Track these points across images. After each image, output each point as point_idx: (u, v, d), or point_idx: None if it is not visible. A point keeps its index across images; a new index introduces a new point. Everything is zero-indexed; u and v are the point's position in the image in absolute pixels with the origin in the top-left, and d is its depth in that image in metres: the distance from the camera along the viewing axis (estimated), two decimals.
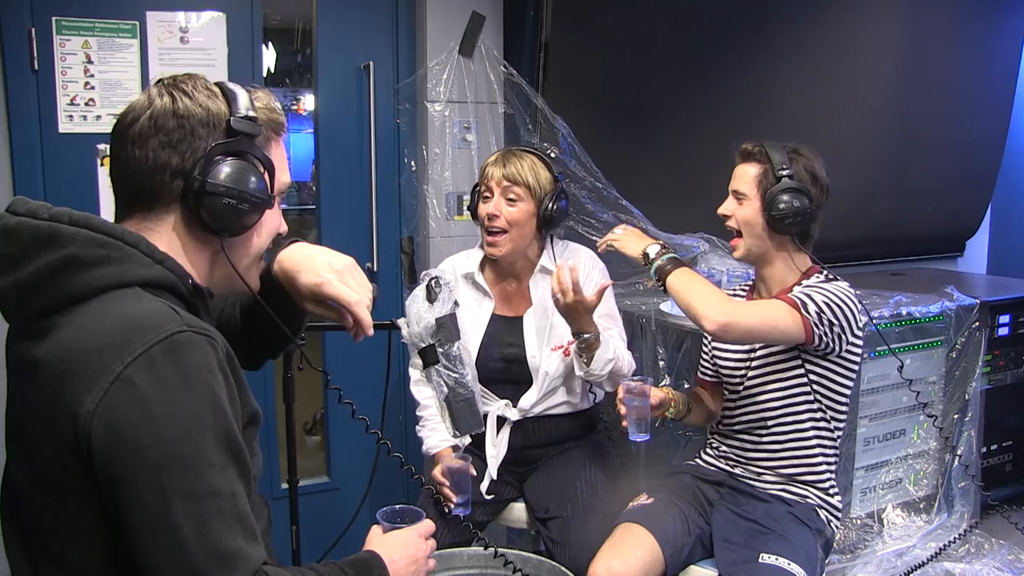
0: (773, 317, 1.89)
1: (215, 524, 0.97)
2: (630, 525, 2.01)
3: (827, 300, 1.91)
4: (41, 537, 1.04)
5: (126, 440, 0.95)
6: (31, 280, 1.03)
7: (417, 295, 2.08)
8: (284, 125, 1.24)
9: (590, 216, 2.88)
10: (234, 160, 1.12)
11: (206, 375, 1.00)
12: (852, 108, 3.61)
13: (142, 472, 0.95)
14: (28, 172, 2.44)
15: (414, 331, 1.85)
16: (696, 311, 1.87)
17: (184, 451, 0.96)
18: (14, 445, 1.07)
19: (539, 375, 2.24)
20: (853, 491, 2.81)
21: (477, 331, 2.30)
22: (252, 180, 1.13)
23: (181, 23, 2.55)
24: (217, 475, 0.98)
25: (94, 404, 0.95)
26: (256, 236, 1.20)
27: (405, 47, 2.91)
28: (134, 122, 1.11)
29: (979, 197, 4.25)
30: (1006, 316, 3.19)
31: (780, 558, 1.86)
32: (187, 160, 1.10)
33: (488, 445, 2.27)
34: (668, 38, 3.13)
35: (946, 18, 3.74)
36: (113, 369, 0.96)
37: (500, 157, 2.27)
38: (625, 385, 2.02)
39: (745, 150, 2.06)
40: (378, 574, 1.20)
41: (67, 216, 1.06)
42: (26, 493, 1.05)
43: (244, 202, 1.12)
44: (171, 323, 1.00)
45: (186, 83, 1.14)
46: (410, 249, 2.97)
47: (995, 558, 2.87)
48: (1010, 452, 3.34)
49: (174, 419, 0.96)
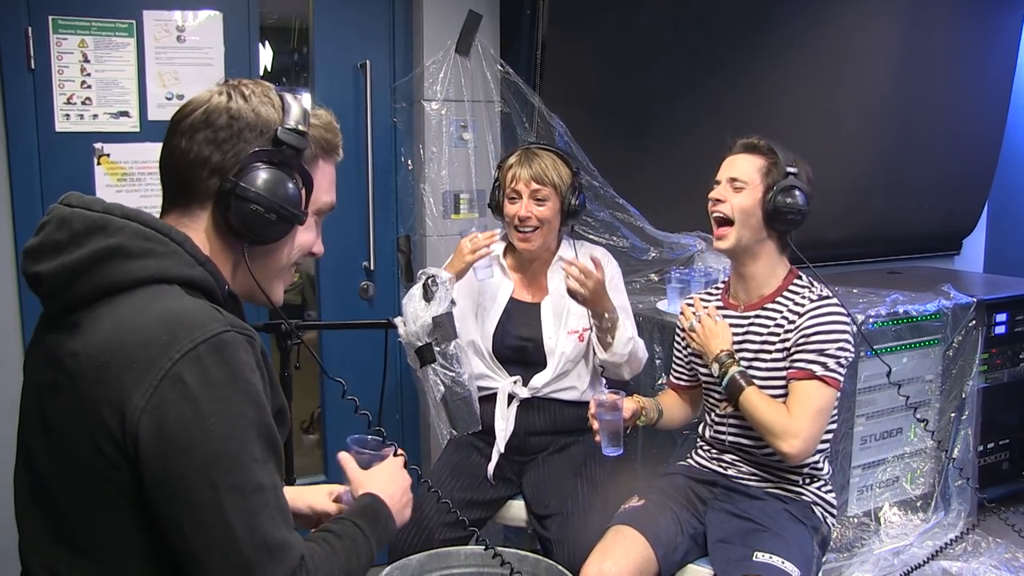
0: (822, 407, 1.95)
1: (263, 517, 1.00)
2: (621, 527, 2.00)
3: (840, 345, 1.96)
4: (71, 530, 1.05)
5: (176, 437, 0.97)
6: (76, 265, 1.04)
7: (414, 294, 2.08)
8: (338, 147, 1.24)
9: (587, 215, 2.89)
10: (272, 169, 1.12)
11: (249, 373, 1.02)
12: (849, 106, 3.62)
13: (191, 469, 0.97)
14: (25, 171, 2.43)
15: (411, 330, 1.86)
16: (775, 440, 1.93)
17: (231, 448, 0.99)
18: (41, 438, 1.07)
19: (555, 356, 2.31)
20: (850, 490, 2.81)
21: (496, 310, 2.36)
22: (285, 192, 1.13)
23: (178, 22, 2.55)
24: (261, 470, 1.01)
25: (144, 400, 0.96)
26: (283, 250, 1.20)
27: (402, 46, 2.91)
28: (190, 114, 1.12)
29: (976, 195, 4.25)
30: (1003, 314, 3.20)
31: (775, 556, 1.86)
32: (228, 160, 1.11)
33: (497, 419, 2.30)
34: (665, 37, 3.13)
35: (942, 16, 3.74)
36: (161, 365, 0.97)
37: (523, 158, 2.32)
38: (596, 399, 2.04)
39: (751, 143, 2.07)
40: (384, 514, 1.26)
41: (119, 209, 1.08)
42: (55, 486, 1.05)
43: (272, 212, 1.12)
44: (216, 322, 1.02)
45: (248, 86, 1.15)
46: (407, 248, 2.97)
47: (992, 557, 2.87)
48: (1007, 451, 3.34)
49: (222, 417, 0.98)
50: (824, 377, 1.94)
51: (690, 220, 2.96)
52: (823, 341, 1.95)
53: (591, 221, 2.91)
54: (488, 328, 2.34)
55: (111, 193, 2.51)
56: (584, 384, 2.35)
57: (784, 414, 1.94)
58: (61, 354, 1.04)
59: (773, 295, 2.08)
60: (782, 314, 2.04)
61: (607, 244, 2.89)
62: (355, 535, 1.18)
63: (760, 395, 1.98)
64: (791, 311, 2.03)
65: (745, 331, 2.09)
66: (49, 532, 1.06)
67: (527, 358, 2.34)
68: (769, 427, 1.94)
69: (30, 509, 1.09)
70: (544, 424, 2.34)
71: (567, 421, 2.35)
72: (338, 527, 1.18)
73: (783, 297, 2.07)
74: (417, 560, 1.93)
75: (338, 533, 1.17)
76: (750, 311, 2.09)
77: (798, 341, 1.98)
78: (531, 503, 2.28)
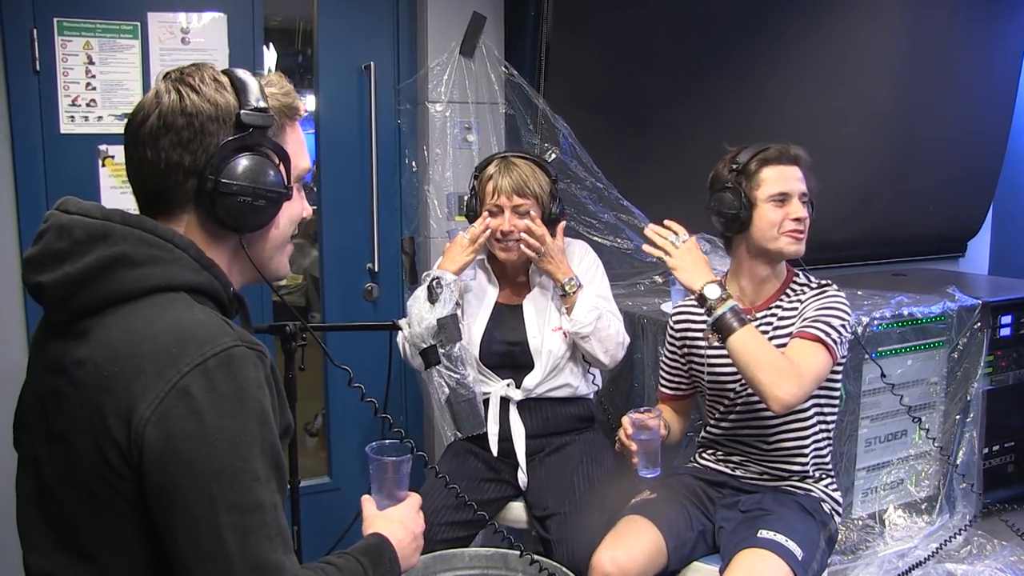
0: (819, 368, 1.86)
1: (258, 537, 0.99)
2: (634, 517, 2.01)
3: (842, 321, 1.93)
4: (75, 537, 1.04)
5: (179, 450, 0.96)
6: (80, 275, 1.02)
7: (418, 296, 2.08)
8: (298, 108, 1.20)
9: (591, 216, 2.89)
10: (247, 155, 1.10)
11: (256, 390, 1.01)
12: (853, 108, 3.61)
13: (192, 483, 0.96)
14: (30, 173, 2.44)
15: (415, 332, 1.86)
16: (764, 390, 1.80)
17: (234, 465, 0.97)
18: (45, 445, 1.06)
19: (542, 355, 2.29)
20: (855, 492, 2.81)
21: (482, 316, 2.34)
22: (266, 175, 1.11)
23: (182, 24, 2.56)
24: (262, 489, 1.00)
25: (149, 411, 0.96)
26: (275, 227, 1.18)
27: (406, 47, 2.91)
28: (144, 121, 1.08)
29: (981, 197, 4.24)
30: (1008, 316, 3.18)
31: (778, 534, 1.87)
32: (199, 159, 1.07)
33: (489, 423, 2.29)
34: (669, 38, 3.13)
35: (947, 18, 3.73)
36: (169, 377, 0.96)
37: (501, 168, 2.28)
38: (632, 420, 1.97)
39: (796, 154, 2.05)
40: (389, 556, 1.23)
41: (119, 216, 1.06)
42: (61, 493, 1.05)
43: (260, 198, 1.10)
44: (226, 336, 1.01)
45: (193, 76, 1.10)
46: (411, 250, 2.97)
47: (997, 559, 2.86)
48: (1012, 453, 3.33)
49: (227, 433, 0.97)
50: (825, 341, 1.88)
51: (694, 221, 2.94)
52: (825, 313, 1.94)
53: (595, 223, 2.91)
54: (475, 335, 2.32)
55: (115, 195, 2.52)
56: (578, 380, 2.35)
57: (784, 365, 1.83)
58: (66, 362, 1.03)
59: (777, 294, 2.09)
60: (785, 308, 2.05)
61: (611, 246, 2.89)
62: (355, 570, 1.16)
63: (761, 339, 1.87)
64: (794, 302, 2.05)
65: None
66: (53, 539, 1.06)
67: (516, 361, 2.33)
68: (765, 367, 1.80)
69: (34, 516, 1.09)
70: (540, 426, 2.34)
71: (561, 422, 2.35)
72: (340, 560, 1.16)
73: (785, 295, 2.08)
74: (421, 561, 1.93)
75: (339, 567, 1.15)
76: (758, 312, 2.09)
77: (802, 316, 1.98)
78: (531, 504, 2.28)
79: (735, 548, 1.89)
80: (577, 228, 2.82)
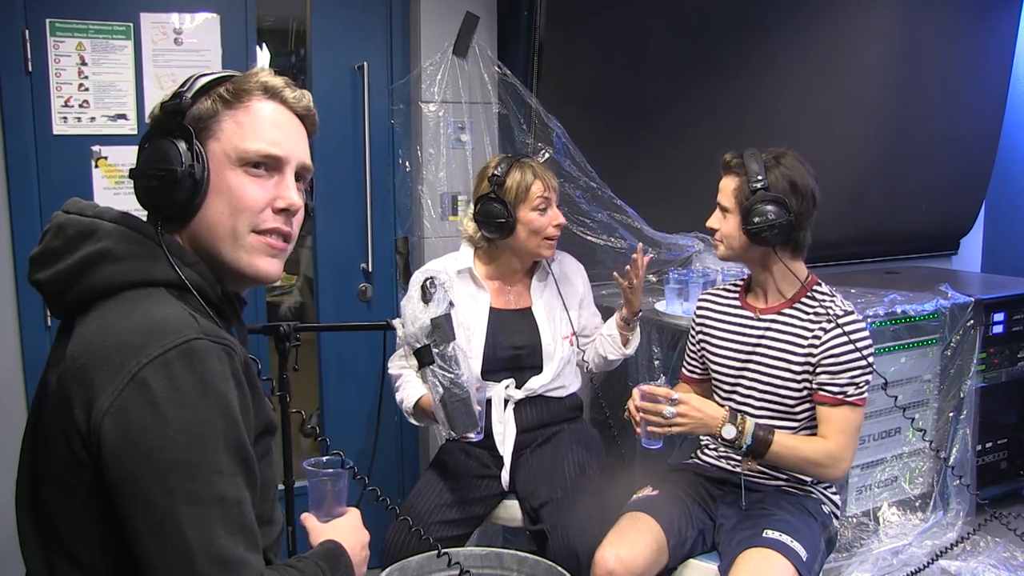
0: (853, 430, 1.98)
1: (219, 530, 0.97)
2: (637, 514, 2.02)
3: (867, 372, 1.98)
4: (54, 531, 1.05)
5: (136, 441, 0.95)
6: (69, 271, 1.06)
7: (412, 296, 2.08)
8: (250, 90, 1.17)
9: (584, 216, 2.89)
10: (153, 141, 1.13)
11: (220, 382, 1.00)
12: (846, 106, 3.62)
13: (150, 474, 0.95)
14: (22, 174, 2.43)
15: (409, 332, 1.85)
16: (823, 470, 1.97)
17: (193, 456, 0.96)
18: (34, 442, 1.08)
19: (554, 361, 2.36)
20: (849, 489, 2.82)
21: (479, 324, 2.35)
22: (164, 156, 1.09)
23: (175, 24, 2.55)
24: (225, 482, 0.98)
25: (108, 402, 0.96)
26: (210, 214, 1.12)
27: (399, 48, 2.91)
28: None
29: (973, 195, 4.26)
30: (1000, 314, 3.20)
31: (783, 535, 1.88)
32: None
33: (495, 423, 2.30)
34: (662, 38, 3.13)
35: (939, 16, 3.74)
36: (129, 369, 0.96)
37: (530, 166, 2.34)
38: (640, 390, 1.98)
39: (725, 161, 2.05)
40: (345, 562, 1.24)
41: (109, 213, 1.10)
42: (44, 489, 1.06)
43: (152, 179, 1.10)
44: (189, 329, 1.00)
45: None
46: (405, 250, 2.97)
47: (991, 556, 2.87)
48: (1005, 450, 3.34)
49: (185, 424, 0.96)
50: (854, 400, 1.96)
51: (688, 221, 2.96)
52: (851, 366, 1.96)
53: (589, 222, 2.91)
54: (476, 347, 2.32)
55: (108, 196, 2.51)
56: (574, 380, 2.45)
57: (823, 444, 1.96)
58: (58, 358, 1.05)
59: (791, 301, 2.06)
60: (803, 323, 2.02)
61: (605, 245, 2.90)
62: (315, 573, 1.16)
63: (791, 437, 1.99)
64: (813, 323, 2.01)
65: (761, 335, 2.07)
66: (39, 536, 1.07)
67: (520, 364, 2.36)
68: (815, 461, 1.95)
69: (24, 513, 1.10)
70: (533, 420, 2.37)
71: (555, 413, 2.41)
72: (301, 564, 1.16)
73: (802, 303, 2.05)
74: (416, 561, 1.94)
75: (301, 569, 1.14)
76: (767, 315, 2.08)
77: (823, 361, 1.98)
78: (523, 496, 2.29)
79: (739, 547, 1.90)
80: (571, 227, 2.83)
